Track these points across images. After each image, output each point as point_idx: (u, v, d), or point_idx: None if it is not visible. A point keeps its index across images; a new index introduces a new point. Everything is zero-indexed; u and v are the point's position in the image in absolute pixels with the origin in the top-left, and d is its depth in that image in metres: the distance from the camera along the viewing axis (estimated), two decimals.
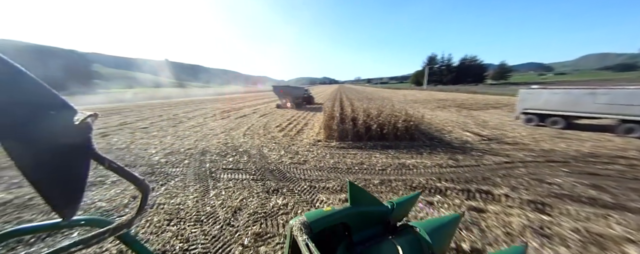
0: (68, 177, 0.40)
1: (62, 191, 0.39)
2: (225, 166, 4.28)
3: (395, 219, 1.03)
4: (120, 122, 10.13)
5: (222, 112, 13.03)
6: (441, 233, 0.92)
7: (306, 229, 0.78)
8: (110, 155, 5.19)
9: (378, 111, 6.57)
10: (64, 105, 0.39)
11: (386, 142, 5.78)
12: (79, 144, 0.40)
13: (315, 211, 0.87)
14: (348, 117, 6.36)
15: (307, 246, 0.70)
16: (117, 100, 27.99)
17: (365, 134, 6.03)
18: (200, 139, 6.57)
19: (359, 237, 0.90)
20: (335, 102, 9.43)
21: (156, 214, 2.70)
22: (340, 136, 6.03)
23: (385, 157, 4.71)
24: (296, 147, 5.49)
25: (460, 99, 20.04)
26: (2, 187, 3.57)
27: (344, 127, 6.08)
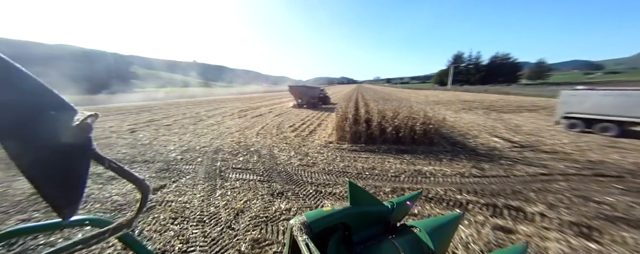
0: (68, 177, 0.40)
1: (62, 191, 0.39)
2: (235, 166, 4.32)
3: (395, 219, 1.03)
4: (149, 119, 10.90)
5: (240, 111, 13.44)
6: (441, 233, 0.92)
7: (306, 229, 0.78)
8: (135, 150, 5.54)
9: (394, 113, 6.21)
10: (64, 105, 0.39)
11: (402, 146, 5.43)
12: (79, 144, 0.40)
13: (315, 211, 0.87)
14: (361, 118, 6.10)
15: (307, 246, 0.70)
16: (151, 98, 30.30)
17: (379, 136, 5.73)
18: (215, 137, 6.77)
19: (359, 237, 0.90)
20: (349, 103, 9.18)
21: (163, 211, 2.75)
22: (353, 138, 5.80)
23: (399, 162, 4.40)
24: (307, 149, 5.38)
25: (488, 100, 18.47)
26: None
27: (357, 129, 5.84)
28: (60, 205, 0.39)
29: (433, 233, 0.88)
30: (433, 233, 0.88)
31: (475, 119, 9.44)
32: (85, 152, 0.41)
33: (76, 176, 0.41)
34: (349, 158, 4.69)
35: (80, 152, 0.40)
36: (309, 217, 0.82)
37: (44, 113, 0.37)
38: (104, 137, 7.06)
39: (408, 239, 0.87)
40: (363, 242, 0.89)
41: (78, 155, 0.40)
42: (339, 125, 6.10)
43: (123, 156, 5.07)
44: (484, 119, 9.62)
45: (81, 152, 0.40)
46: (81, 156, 0.41)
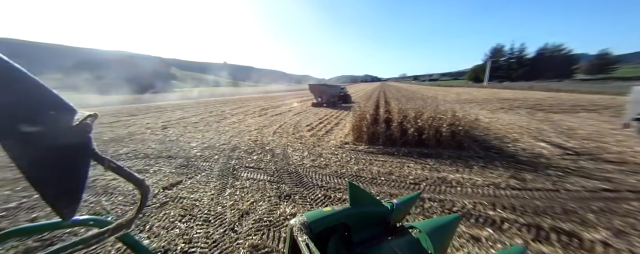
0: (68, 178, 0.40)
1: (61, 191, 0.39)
2: (248, 164, 4.34)
3: (395, 219, 1.03)
4: (180, 117, 11.78)
5: (261, 109, 13.82)
6: (441, 234, 0.91)
7: (306, 229, 0.77)
8: (162, 146, 5.94)
9: (416, 113, 5.69)
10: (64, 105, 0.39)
11: (425, 149, 4.94)
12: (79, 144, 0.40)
13: (315, 211, 0.86)
14: (381, 118, 5.71)
15: (307, 246, 0.69)
16: (186, 97, 32.94)
17: (399, 138, 5.30)
18: (235, 135, 6.98)
19: (358, 237, 0.90)
20: (368, 101, 8.74)
21: (175, 208, 2.83)
22: (370, 139, 5.46)
23: (421, 168, 3.99)
24: (321, 149, 5.21)
25: (534, 98, 16.21)
26: None
27: (375, 129, 5.48)
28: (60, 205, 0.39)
29: (433, 234, 0.87)
30: (433, 234, 0.87)
31: (516, 120, 8.29)
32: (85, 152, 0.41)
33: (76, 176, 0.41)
34: (364, 161, 4.40)
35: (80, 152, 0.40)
36: (309, 217, 0.82)
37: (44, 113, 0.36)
38: (139, 133, 7.75)
39: (408, 240, 0.87)
40: (363, 243, 0.88)
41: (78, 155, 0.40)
42: (355, 125, 5.80)
43: (152, 151, 5.46)
44: (528, 120, 8.39)
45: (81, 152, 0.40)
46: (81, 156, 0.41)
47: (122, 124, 9.78)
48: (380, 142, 5.35)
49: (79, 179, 0.41)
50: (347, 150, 5.11)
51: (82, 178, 0.42)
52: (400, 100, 8.98)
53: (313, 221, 0.81)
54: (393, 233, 0.95)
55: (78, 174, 0.41)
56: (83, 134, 0.40)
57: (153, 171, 4.13)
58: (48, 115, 0.37)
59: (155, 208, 2.83)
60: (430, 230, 0.88)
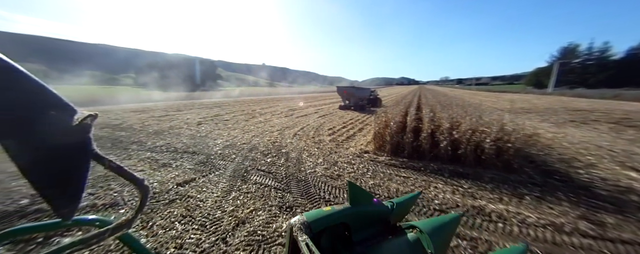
0: (68, 178, 0.40)
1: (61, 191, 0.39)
2: (260, 167, 4.28)
3: (395, 219, 1.03)
4: (215, 114, 12.73)
5: (289, 110, 14.07)
6: (441, 233, 0.90)
7: (306, 229, 0.77)
8: (192, 141, 6.38)
9: (452, 123, 4.89)
10: (64, 105, 0.39)
11: (460, 167, 4.18)
12: (78, 144, 0.40)
13: (316, 211, 0.86)
14: (408, 126, 5.09)
15: (307, 246, 0.69)
16: (228, 96, 35.66)
17: (428, 151, 4.62)
18: (257, 135, 7.12)
19: (358, 237, 0.89)
20: (397, 107, 7.96)
21: (180, 206, 2.87)
22: (394, 149, 4.90)
23: (452, 190, 3.34)
24: (337, 156, 4.88)
25: (621, 110, 12.85)
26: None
27: (401, 139, 4.89)
28: (60, 205, 0.39)
29: (433, 234, 0.86)
30: (433, 233, 0.86)
31: (592, 138, 6.57)
32: (85, 152, 0.41)
33: (76, 176, 0.40)
34: (382, 175, 3.91)
35: (80, 152, 0.40)
36: (309, 217, 0.82)
37: (44, 113, 0.36)
38: (177, 127, 8.55)
39: (408, 240, 0.86)
40: (363, 242, 0.88)
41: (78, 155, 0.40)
42: (378, 133, 5.29)
43: (181, 146, 5.88)
44: (611, 138, 6.57)
45: (81, 152, 0.40)
46: (81, 156, 0.41)
47: (168, 118, 11.00)
48: (405, 154, 4.74)
49: (79, 179, 0.41)
50: (366, 160, 4.66)
51: (82, 178, 0.42)
52: (435, 107, 8.00)
53: (313, 220, 0.80)
54: (393, 233, 0.95)
55: (78, 174, 0.41)
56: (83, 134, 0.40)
57: (175, 165, 4.38)
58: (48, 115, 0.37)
59: (163, 204, 2.92)
60: (431, 230, 0.87)
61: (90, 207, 2.83)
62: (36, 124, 0.36)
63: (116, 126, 8.91)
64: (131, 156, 5.06)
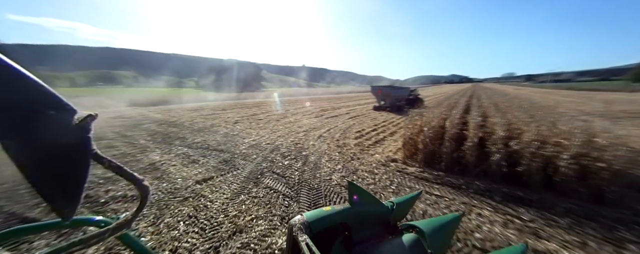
0: (68, 178, 0.40)
1: (61, 191, 0.39)
2: (276, 170, 4.17)
3: (395, 219, 1.02)
4: (252, 113, 13.55)
5: (320, 110, 13.95)
6: (441, 233, 0.90)
7: (306, 229, 0.78)
8: (224, 138, 6.81)
9: (509, 130, 3.83)
10: (64, 105, 0.39)
11: (518, 190, 3.21)
12: (78, 144, 0.40)
13: (316, 211, 0.86)
14: (448, 132, 4.23)
15: (307, 246, 0.69)
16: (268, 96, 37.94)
17: (474, 165, 3.72)
18: (283, 135, 7.15)
19: (358, 237, 0.89)
20: (438, 109, 6.80)
21: (189, 206, 2.94)
22: (428, 159, 4.14)
23: (503, 221, 2.54)
24: (359, 164, 4.41)
25: None
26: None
27: (437, 147, 4.10)
28: (60, 205, 0.39)
29: (433, 233, 0.86)
30: (433, 233, 0.87)
31: None
32: (85, 152, 0.41)
33: (76, 176, 0.40)
34: (408, 190, 3.31)
35: (80, 152, 0.40)
36: (309, 217, 0.82)
37: (44, 113, 0.37)
38: (216, 125, 9.33)
39: (408, 240, 0.86)
40: (363, 242, 0.88)
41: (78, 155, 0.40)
42: (409, 138, 4.58)
43: (214, 143, 6.31)
44: None
45: (81, 152, 0.40)
46: (81, 156, 0.41)
47: (213, 117, 12.21)
48: (442, 167, 3.95)
49: (79, 179, 0.41)
50: (392, 170, 4.06)
51: (82, 178, 0.41)
52: (489, 109, 6.59)
53: (313, 220, 0.80)
54: (393, 233, 0.94)
55: (78, 174, 0.41)
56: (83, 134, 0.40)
57: (201, 162, 4.66)
58: (48, 115, 0.37)
59: (178, 201, 3.05)
60: (431, 230, 0.88)
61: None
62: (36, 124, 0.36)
63: (171, 122, 10.30)
64: (172, 150, 5.65)
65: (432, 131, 4.37)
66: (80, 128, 0.40)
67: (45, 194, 0.38)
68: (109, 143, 6.54)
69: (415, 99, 14.26)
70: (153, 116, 12.97)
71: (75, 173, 0.40)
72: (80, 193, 0.42)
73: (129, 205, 2.94)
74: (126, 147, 5.96)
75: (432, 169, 3.97)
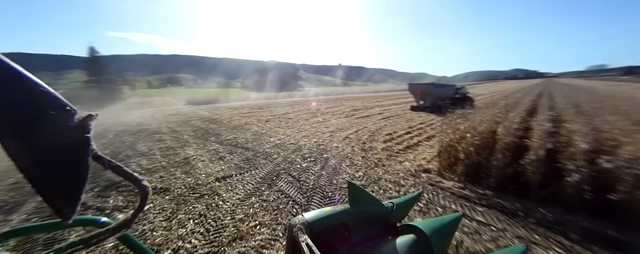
0: (68, 178, 0.40)
1: (61, 191, 0.40)
2: (293, 172, 4.04)
3: (395, 219, 1.01)
4: (284, 112, 13.94)
5: (352, 110, 13.45)
6: (441, 233, 0.89)
7: (306, 229, 0.78)
8: (252, 136, 7.07)
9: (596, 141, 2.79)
10: (64, 105, 0.40)
11: (610, 226, 2.29)
12: (78, 144, 0.40)
13: (316, 211, 0.86)
14: (501, 139, 3.36)
15: (307, 246, 0.69)
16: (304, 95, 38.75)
17: (539, 185, 2.85)
18: (308, 135, 7.04)
19: (358, 237, 0.89)
20: (490, 109, 5.50)
21: (203, 204, 3.02)
22: (471, 172, 3.38)
23: None
24: (383, 172, 3.92)
25: None
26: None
27: (485, 158, 3.31)
28: (60, 205, 0.39)
29: (433, 234, 0.85)
30: (433, 233, 0.85)
31: None
32: (85, 152, 0.41)
33: (76, 176, 0.41)
34: (441, 211, 2.71)
35: (80, 152, 0.40)
36: (309, 217, 0.81)
37: (44, 113, 0.37)
38: (249, 124, 9.83)
39: (408, 240, 0.85)
40: (363, 242, 0.87)
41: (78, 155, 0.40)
42: (447, 144, 3.84)
43: (242, 141, 6.59)
44: None
45: (81, 152, 0.40)
46: (81, 156, 0.41)
47: (249, 115, 13.01)
48: (490, 184, 3.16)
49: (78, 179, 0.41)
50: (423, 183, 3.47)
51: (82, 178, 0.41)
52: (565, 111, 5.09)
53: (313, 220, 0.80)
54: (393, 233, 0.94)
55: (78, 174, 0.41)
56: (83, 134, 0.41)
57: (226, 159, 4.87)
58: (48, 115, 0.37)
59: (195, 198, 3.18)
60: (431, 230, 0.87)
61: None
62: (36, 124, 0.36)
63: (213, 120, 11.36)
64: (206, 146, 6.12)
65: (479, 137, 3.56)
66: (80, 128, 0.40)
67: (45, 194, 0.38)
68: (160, 137, 7.52)
69: (462, 98, 12.42)
70: (201, 113, 14.61)
71: (76, 173, 0.41)
72: (80, 193, 0.42)
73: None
74: (172, 142, 6.72)
75: (475, 186, 3.22)
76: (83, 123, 0.40)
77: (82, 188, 0.41)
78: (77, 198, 0.41)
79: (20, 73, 0.35)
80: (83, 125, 0.40)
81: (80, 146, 0.40)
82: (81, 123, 0.40)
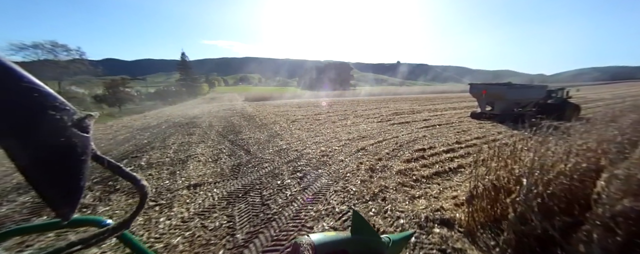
0: (67, 178, 0.40)
1: (61, 191, 0.39)
2: (264, 191, 3.36)
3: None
4: (317, 113, 13.34)
5: (392, 114, 11.63)
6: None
7: (313, 250, 0.78)
8: (268, 137, 6.77)
9: None
10: (64, 105, 0.40)
11: None
12: (78, 144, 0.40)
13: (321, 234, 0.87)
14: (606, 192, 1.67)
15: None
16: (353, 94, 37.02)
17: None
18: (320, 141, 6.18)
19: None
20: (605, 127, 3.13)
21: (154, 215, 2.70)
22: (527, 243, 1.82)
23: None
24: (375, 211, 2.72)
25: None
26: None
27: (558, 223, 1.71)
28: (60, 205, 0.39)
29: None
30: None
31: None
32: (84, 152, 0.41)
33: (76, 176, 0.41)
34: None
35: (80, 153, 0.40)
36: (316, 239, 0.82)
37: (43, 113, 0.37)
38: (276, 122, 9.65)
39: None
40: None
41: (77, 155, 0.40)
42: (492, 183, 2.28)
43: (252, 141, 6.35)
44: None
45: (80, 153, 0.40)
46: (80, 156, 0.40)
47: (281, 114, 13.00)
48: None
49: (78, 179, 0.40)
50: (430, 245, 2.13)
51: (82, 178, 0.41)
52: None
53: (319, 243, 0.81)
54: None
55: (77, 174, 0.40)
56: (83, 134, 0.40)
57: (220, 162, 4.65)
58: (48, 115, 0.37)
59: (151, 206, 2.92)
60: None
61: None
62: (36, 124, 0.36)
63: (250, 116, 11.89)
64: (219, 144, 6.19)
65: (558, 180, 1.91)
66: (80, 128, 0.40)
67: (44, 195, 0.38)
68: (193, 131, 8.22)
69: (558, 106, 8.75)
70: (247, 109, 15.75)
71: (75, 173, 0.40)
72: (80, 193, 0.41)
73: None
74: (197, 137, 7.13)
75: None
76: (83, 123, 0.40)
77: (81, 188, 0.41)
78: (77, 198, 0.41)
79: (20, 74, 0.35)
80: (83, 125, 0.40)
81: (80, 146, 0.40)
82: (81, 123, 0.40)
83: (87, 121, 0.41)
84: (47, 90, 0.38)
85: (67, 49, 26.05)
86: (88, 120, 0.41)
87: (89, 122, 0.41)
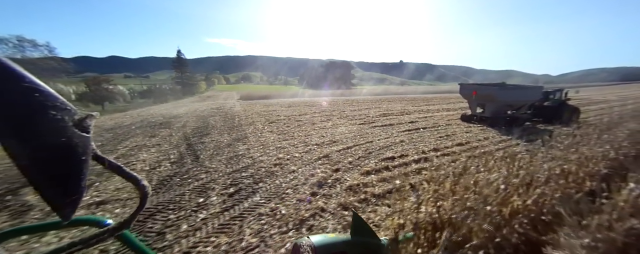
0: (68, 178, 0.40)
1: (61, 192, 0.39)
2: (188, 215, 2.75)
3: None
4: (301, 113, 12.64)
5: (380, 115, 10.97)
6: None
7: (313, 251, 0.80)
8: (231, 141, 6.19)
9: None
10: (64, 105, 0.40)
11: None
12: (78, 144, 0.40)
13: (321, 236, 0.90)
14: None
15: None
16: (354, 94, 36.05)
17: None
18: (284, 147, 5.57)
19: None
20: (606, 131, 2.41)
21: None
22: None
23: None
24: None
25: None
26: None
27: None
28: (60, 205, 0.39)
29: None
30: None
31: None
32: (85, 152, 0.41)
33: (76, 176, 0.40)
34: None
35: (80, 153, 0.40)
36: (316, 241, 0.84)
37: (44, 113, 0.37)
38: (254, 123, 9.05)
39: None
40: None
41: (78, 155, 0.40)
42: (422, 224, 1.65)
43: (212, 145, 5.76)
44: None
45: (81, 153, 0.40)
46: (81, 156, 0.40)
47: (266, 114, 12.36)
48: None
49: (79, 179, 0.40)
50: None
51: (82, 178, 0.41)
52: None
53: (319, 245, 0.82)
54: None
55: (78, 174, 0.40)
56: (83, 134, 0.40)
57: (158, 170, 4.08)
58: (49, 115, 0.37)
59: None
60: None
61: None
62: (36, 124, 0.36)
63: (233, 115, 11.27)
64: (178, 146, 5.61)
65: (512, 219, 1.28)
66: (80, 128, 0.40)
67: (45, 195, 0.37)
68: (157, 132, 7.67)
69: (555, 108, 7.99)
70: (235, 108, 15.13)
71: (76, 173, 0.40)
72: (80, 193, 0.40)
73: None
74: (160, 139, 6.56)
75: None
76: (83, 123, 0.40)
77: (81, 188, 0.41)
78: (77, 198, 0.40)
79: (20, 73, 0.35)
80: (83, 125, 0.40)
81: (81, 146, 0.40)
82: (81, 123, 0.40)
83: (88, 120, 0.41)
84: (48, 90, 0.38)
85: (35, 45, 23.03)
86: (89, 120, 0.41)
87: (90, 122, 0.41)
